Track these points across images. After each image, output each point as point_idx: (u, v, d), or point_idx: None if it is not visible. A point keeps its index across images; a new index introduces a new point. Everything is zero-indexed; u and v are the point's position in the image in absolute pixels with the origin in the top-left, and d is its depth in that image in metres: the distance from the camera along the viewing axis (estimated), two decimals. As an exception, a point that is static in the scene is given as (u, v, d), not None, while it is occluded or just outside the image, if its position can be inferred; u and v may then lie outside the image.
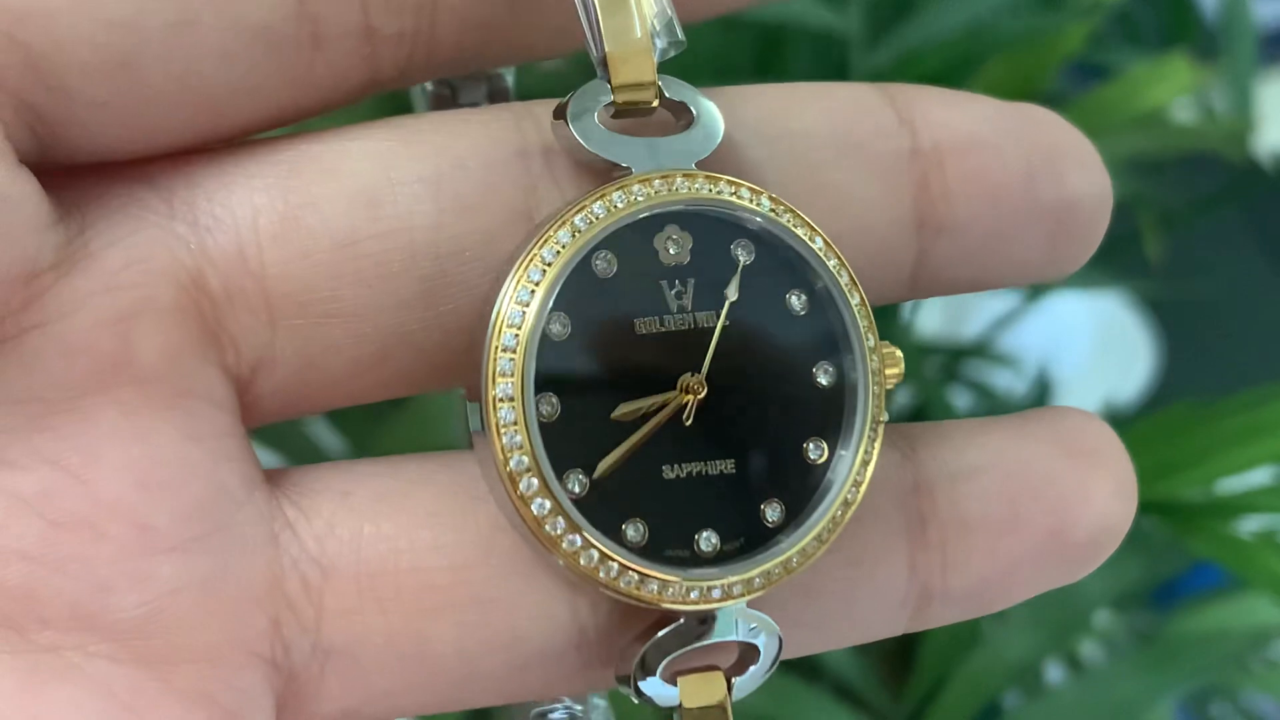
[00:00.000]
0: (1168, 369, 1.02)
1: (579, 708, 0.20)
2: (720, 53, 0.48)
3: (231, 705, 0.16)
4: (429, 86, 0.18)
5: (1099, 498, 0.19)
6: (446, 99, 0.19)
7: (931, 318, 1.00)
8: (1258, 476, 0.37)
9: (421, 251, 0.17)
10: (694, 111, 0.17)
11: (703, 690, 0.18)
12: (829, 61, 0.48)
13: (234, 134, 0.17)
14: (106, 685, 0.16)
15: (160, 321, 0.16)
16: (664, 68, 0.17)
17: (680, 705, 0.18)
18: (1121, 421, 0.42)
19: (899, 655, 0.54)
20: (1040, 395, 0.54)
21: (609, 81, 0.17)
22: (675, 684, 0.18)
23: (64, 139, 0.16)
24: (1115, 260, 0.49)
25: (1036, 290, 0.55)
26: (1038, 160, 0.19)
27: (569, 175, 0.17)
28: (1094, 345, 1.01)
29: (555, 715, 0.20)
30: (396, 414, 0.28)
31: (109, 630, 0.16)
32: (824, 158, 0.18)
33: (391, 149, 0.17)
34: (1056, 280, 0.19)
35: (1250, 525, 0.36)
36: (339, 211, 0.17)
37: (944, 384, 0.55)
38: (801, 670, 0.43)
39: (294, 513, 0.17)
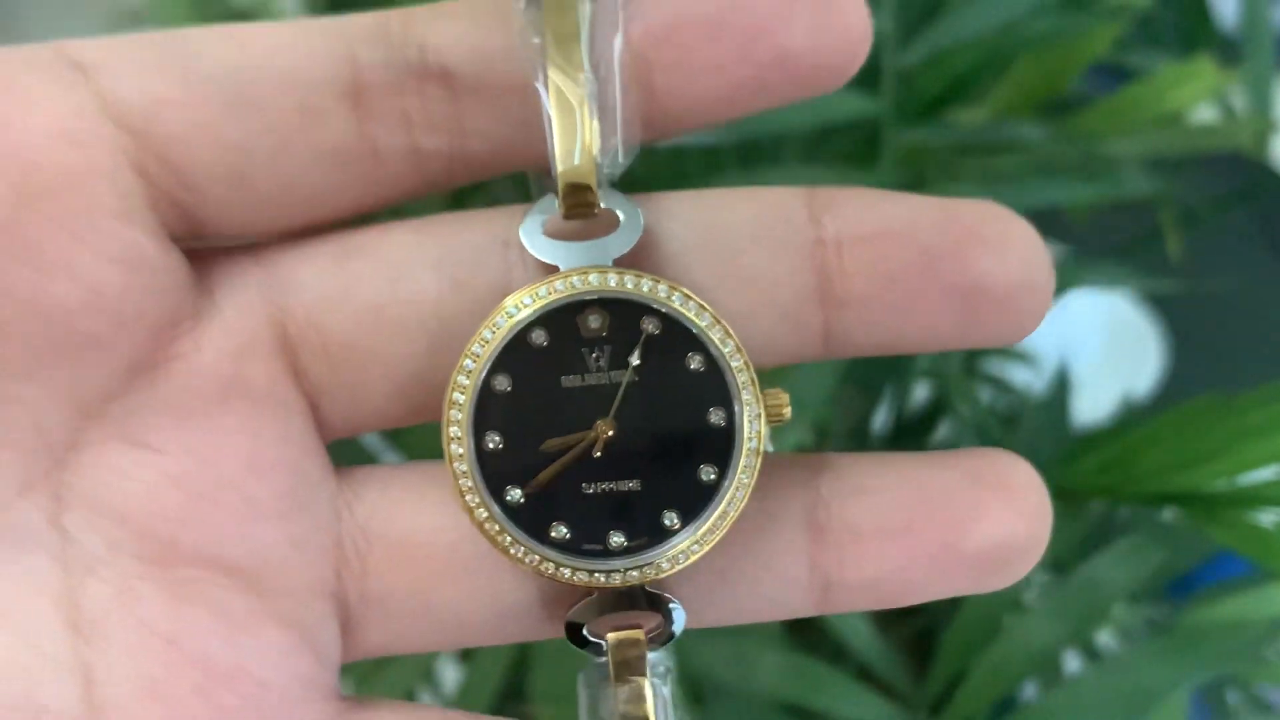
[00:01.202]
0: (1176, 366, 1.03)
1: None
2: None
3: (312, 626, 0.23)
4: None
5: (994, 517, 0.23)
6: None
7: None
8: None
9: (429, 316, 0.23)
10: (620, 217, 0.22)
11: (622, 638, 0.23)
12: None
13: (319, 223, 0.23)
14: (225, 607, 0.22)
15: (262, 356, 0.23)
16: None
17: (607, 646, 0.23)
18: (1138, 416, 0.43)
19: (921, 642, 0.55)
20: (1060, 390, 0.55)
21: (558, 195, 0.22)
22: (603, 640, 0.23)
23: (200, 226, 0.22)
24: (1132, 258, 0.50)
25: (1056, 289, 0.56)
26: (942, 247, 0.22)
27: (533, 266, 0.23)
28: (1105, 342, 1.02)
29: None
30: (419, 432, 0.37)
31: (227, 570, 0.22)
32: (739, 245, 0.22)
33: (413, 240, 0.23)
34: (998, 344, 0.22)
35: (1271, 517, 0.37)
36: (374, 286, 0.23)
37: (964, 379, 0.55)
38: (824, 653, 0.43)
39: (350, 497, 0.24)
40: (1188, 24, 0.55)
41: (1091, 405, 0.73)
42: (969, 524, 0.23)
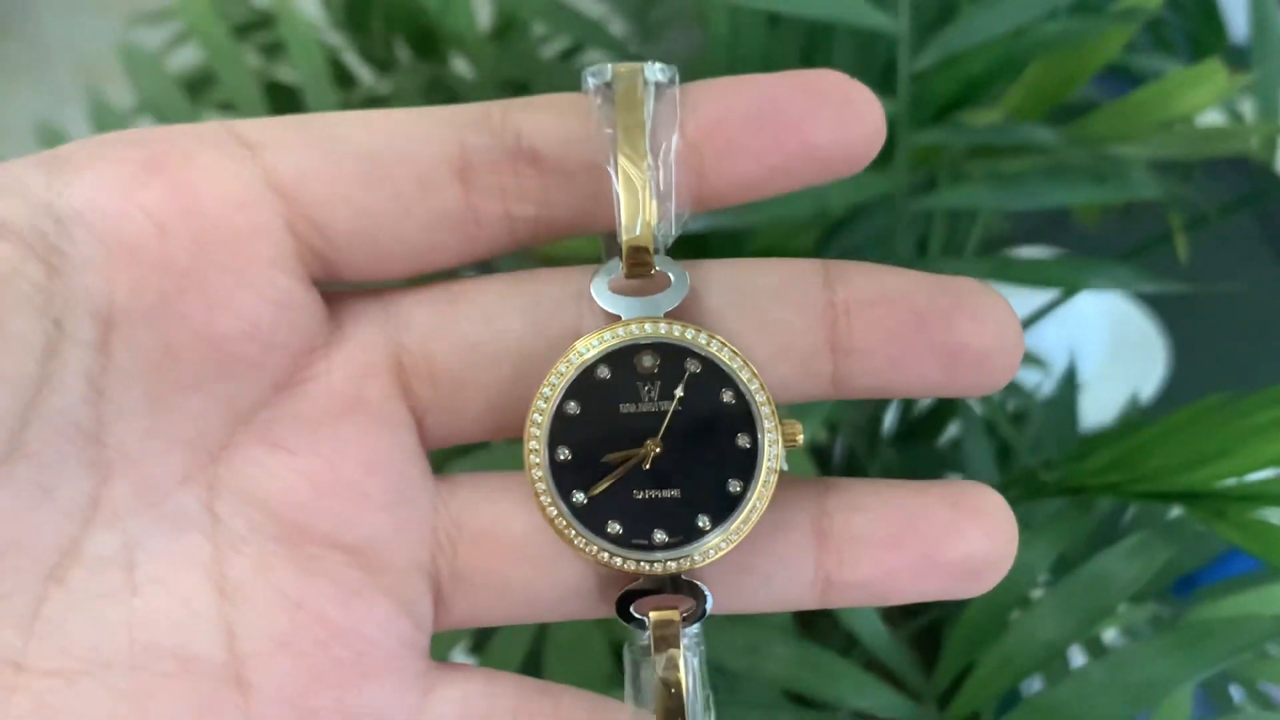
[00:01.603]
0: (1180, 369, 1.03)
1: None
2: (767, 51, 0.49)
3: (411, 598, 0.28)
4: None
5: (968, 536, 0.27)
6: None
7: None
8: None
9: (514, 352, 0.28)
10: (671, 278, 0.27)
11: (661, 617, 0.28)
12: (872, 62, 0.49)
13: (434, 269, 0.28)
14: (343, 579, 0.27)
15: (380, 379, 0.27)
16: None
17: (649, 623, 0.28)
18: (1144, 416, 0.43)
19: (929, 638, 0.55)
20: (1068, 390, 0.56)
21: (621, 261, 0.27)
22: (646, 617, 0.28)
23: (335, 273, 0.27)
24: (1139, 261, 0.51)
25: (1066, 294, 0.57)
26: (932, 313, 0.26)
27: (600, 313, 0.28)
28: (1112, 346, 1.02)
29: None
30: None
31: (344, 549, 0.27)
32: (765, 302, 0.27)
33: (505, 290, 0.28)
34: (975, 394, 0.27)
35: (1277, 514, 0.38)
36: (472, 325, 0.28)
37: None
38: (834, 646, 0.44)
39: (446, 495, 0.28)
40: (1198, 31, 0.55)
41: (1098, 408, 0.74)
42: (946, 539, 0.27)
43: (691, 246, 0.53)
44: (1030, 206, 0.46)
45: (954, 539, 0.27)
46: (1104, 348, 1.01)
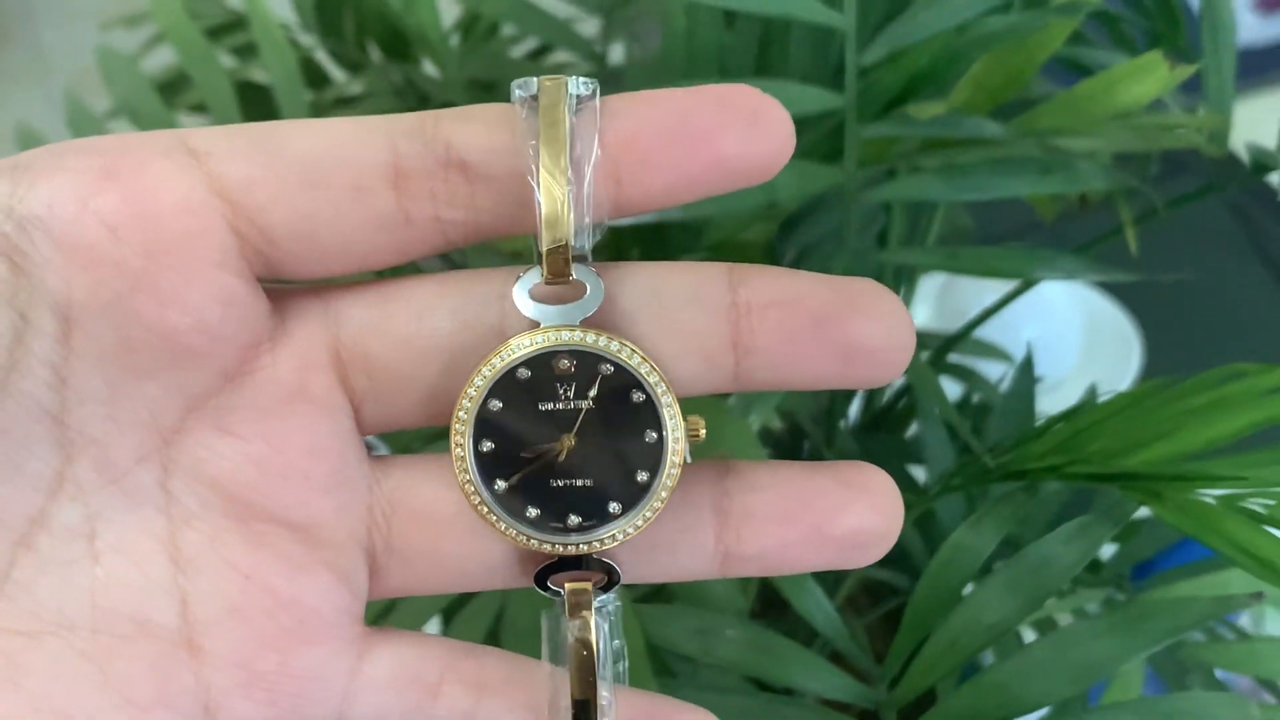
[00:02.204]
0: (1154, 364, 1.04)
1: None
2: (722, 51, 0.50)
3: (349, 570, 0.30)
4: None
5: (855, 511, 0.30)
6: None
7: (922, 313, 1.02)
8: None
9: (444, 347, 0.30)
10: (588, 288, 0.29)
11: (575, 587, 0.30)
12: (826, 58, 0.50)
13: (370, 268, 0.29)
14: (287, 553, 0.29)
15: (321, 371, 0.30)
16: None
17: (564, 592, 0.30)
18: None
19: (886, 626, 0.56)
20: (1026, 381, 0.56)
21: (542, 269, 0.29)
22: (561, 588, 0.30)
23: (278, 271, 0.29)
24: (1096, 254, 0.51)
25: (1025, 285, 0.58)
26: (827, 313, 0.28)
27: (522, 317, 0.29)
28: (1086, 342, 1.03)
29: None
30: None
31: (289, 526, 0.29)
32: (673, 305, 0.29)
33: (436, 289, 0.30)
34: (866, 386, 0.30)
35: (1213, 495, 0.39)
36: (405, 322, 0.30)
37: (933, 370, 0.57)
38: (800, 634, 0.45)
39: (380, 476, 0.31)
40: (1157, 29, 0.56)
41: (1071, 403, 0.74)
42: (835, 514, 0.30)
43: (650, 236, 0.54)
44: (979, 197, 0.46)
45: (842, 514, 0.30)
46: (1080, 344, 1.02)
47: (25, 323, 0.26)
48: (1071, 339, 1.01)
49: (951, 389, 0.64)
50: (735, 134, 0.27)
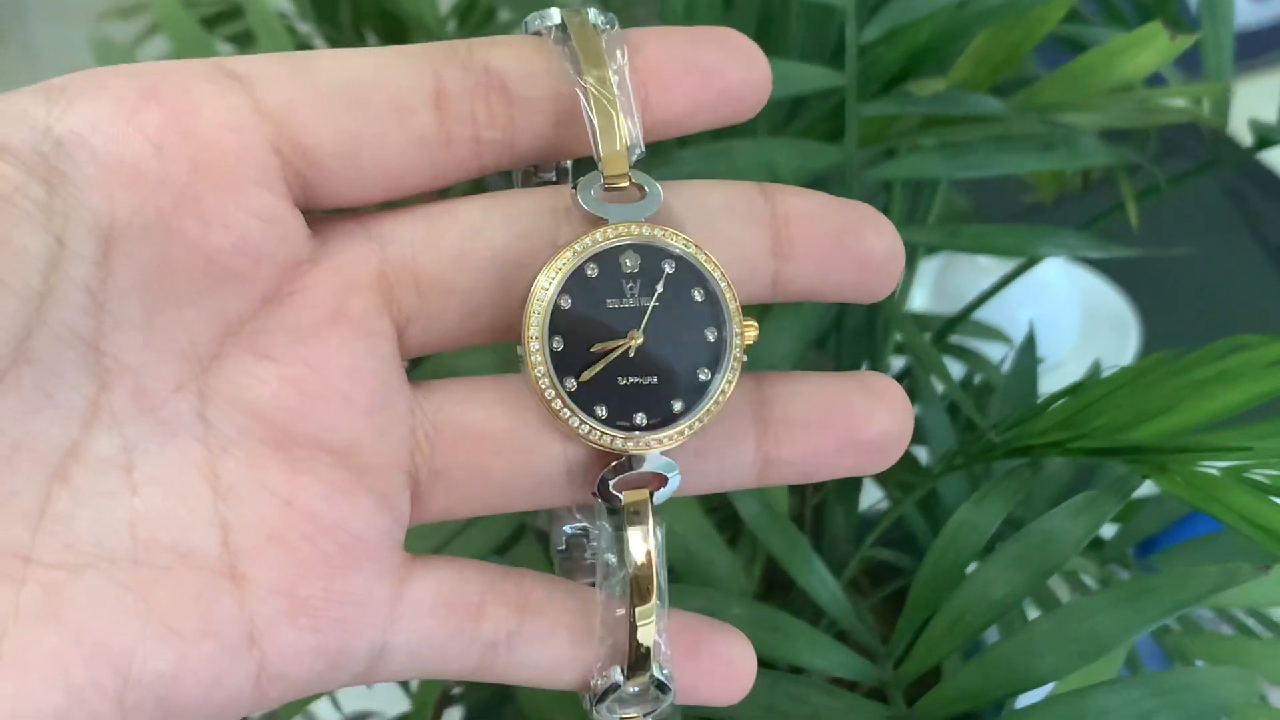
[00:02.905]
0: (1151, 345, 1.04)
1: (592, 528, 0.33)
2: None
3: (390, 495, 0.30)
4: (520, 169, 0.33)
5: (879, 417, 0.31)
6: (530, 174, 0.32)
7: (920, 296, 1.02)
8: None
9: (499, 259, 0.30)
10: (647, 190, 0.30)
11: (634, 495, 0.31)
12: (825, 36, 0.50)
13: (406, 194, 0.30)
14: (328, 478, 0.29)
15: (361, 291, 0.30)
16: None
17: (622, 501, 0.31)
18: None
19: (889, 609, 0.56)
20: (1028, 360, 0.56)
21: (601, 173, 0.30)
22: (621, 495, 0.31)
23: (317, 195, 0.29)
24: (1095, 230, 0.51)
25: (1026, 265, 0.58)
26: (846, 226, 0.31)
27: (580, 223, 0.31)
28: (1084, 325, 1.03)
29: (570, 529, 0.34)
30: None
31: (329, 450, 0.29)
32: (717, 215, 0.31)
33: (485, 206, 0.31)
34: (871, 298, 0.32)
35: (1216, 467, 0.39)
36: (457, 236, 0.30)
37: (935, 353, 0.57)
38: (799, 617, 0.45)
39: (421, 399, 0.31)
40: (1150, 6, 0.56)
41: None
42: (863, 420, 0.31)
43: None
44: (981, 174, 0.46)
45: (869, 419, 0.32)
46: (1078, 325, 1.02)
47: (61, 247, 0.26)
48: (1070, 321, 1.01)
49: (952, 371, 0.64)
50: (737, 68, 0.30)
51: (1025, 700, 0.40)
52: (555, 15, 0.30)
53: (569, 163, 0.33)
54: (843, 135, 0.47)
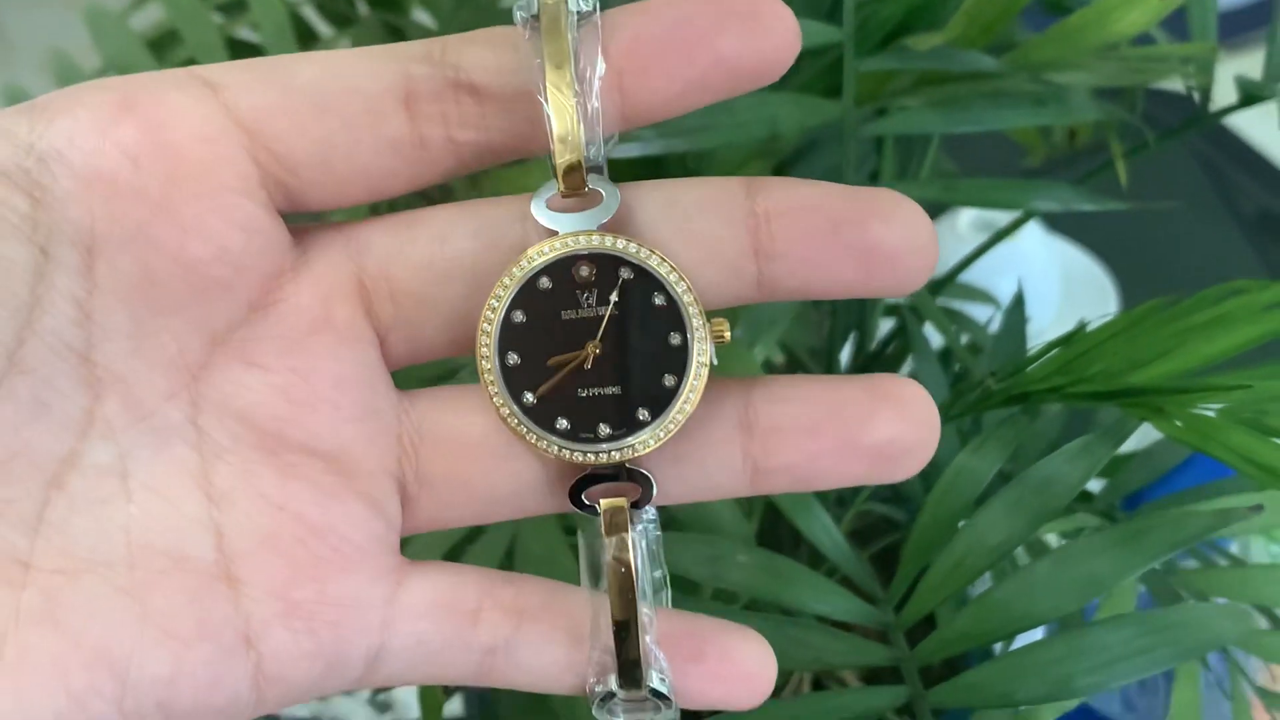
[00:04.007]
0: (1124, 310, 1.05)
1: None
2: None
3: (381, 499, 0.30)
4: None
5: (884, 420, 0.29)
6: None
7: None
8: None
9: (467, 269, 0.30)
10: (604, 195, 0.29)
11: (611, 503, 0.30)
12: (820, 3, 0.50)
13: (387, 196, 0.30)
14: (320, 483, 0.30)
15: (345, 300, 0.30)
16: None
17: (601, 510, 0.30)
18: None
19: (883, 561, 0.57)
20: (1018, 318, 0.57)
21: (557, 181, 0.29)
22: (599, 504, 0.31)
23: (295, 199, 0.29)
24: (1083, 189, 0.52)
25: (1005, 232, 0.58)
26: (845, 218, 0.29)
27: (540, 232, 0.30)
28: (1064, 295, 1.04)
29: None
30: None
31: (320, 456, 0.30)
32: (692, 213, 0.30)
33: (456, 215, 0.30)
34: (894, 293, 0.29)
35: (1213, 408, 0.39)
36: (428, 247, 0.30)
37: (920, 314, 0.58)
38: (803, 557, 0.46)
39: (407, 406, 0.31)
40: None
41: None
42: (863, 425, 0.30)
43: (647, 172, 0.54)
44: (975, 129, 0.47)
45: (871, 424, 0.29)
46: (1058, 294, 1.03)
47: (46, 257, 0.27)
48: (1050, 289, 1.02)
49: (939, 334, 0.65)
50: (733, 35, 0.27)
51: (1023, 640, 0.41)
52: (534, 4, 0.28)
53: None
54: (840, 91, 0.47)
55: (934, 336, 0.72)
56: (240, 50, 0.66)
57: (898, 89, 0.51)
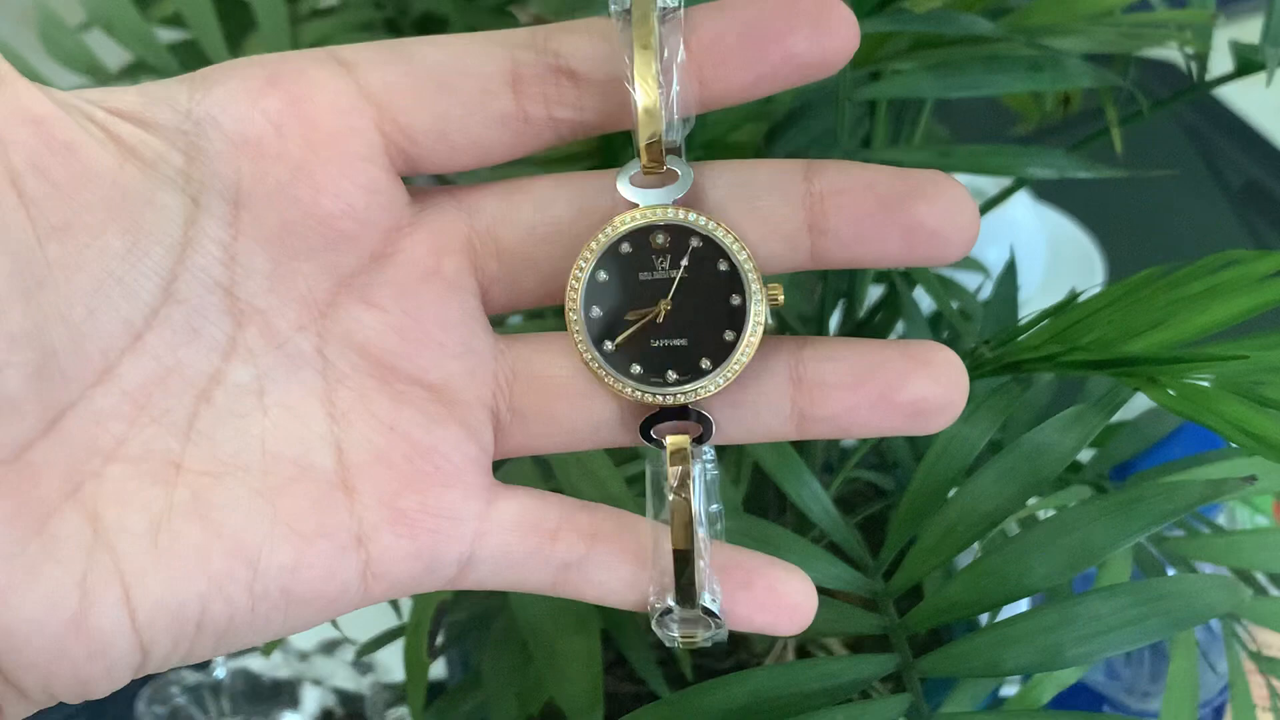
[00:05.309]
0: (1110, 279, 1.05)
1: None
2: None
3: (477, 426, 0.34)
4: None
5: (918, 380, 0.33)
6: None
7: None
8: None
9: (564, 233, 0.34)
10: (679, 174, 0.33)
11: (676, 440, 0.34)
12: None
13: (493, 163, 0.33)
14: (425, 409, 0.34)
15: (453, 254, 0.34)
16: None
17: (666, 447, 0.34)
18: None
19: (870, 529, 0.57)
20: (1009, 286, 0.57)
21: (639, 160, 0.32)
22: (665, 440, 0.34)
23: (415, 165, 0.33)
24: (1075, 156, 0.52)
25: (993, 202, 0.58)
26: (893, 197, 0.32)
27: (624, 204, 0.33)
28: (1051, 265, 1.04)
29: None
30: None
31: (426, 387, 0.34)
32: (757, 193, 0.33)
33: (554, 184, 0.34)
34: (935, 263, 0.32)
35: (1207, 378, 0.39)
36: (530, 211, 0.34)
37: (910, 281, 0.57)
38: (789, 523, 0.45)
39: (504, 347, 0.35)
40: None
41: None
42: (898, 383, 0.33)
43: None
44: (971, 94, 0.47)
45: (905, 382, 0.33)
46: (1044, 262, 1.03)
47: (198, 206, 0.31)
48: (1037, 258, 1.02)
49: (928, 302, 0.65)
50: (802, 35, 0.31)
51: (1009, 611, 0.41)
52: (627, 0, 0.31)
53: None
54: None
55: (924, 302, 0.72)
56: (227, 6, 0.65)
57: (893, 52, 0.50)
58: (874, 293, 0.62)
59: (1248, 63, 0.50)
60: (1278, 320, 0.39)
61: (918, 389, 0.33)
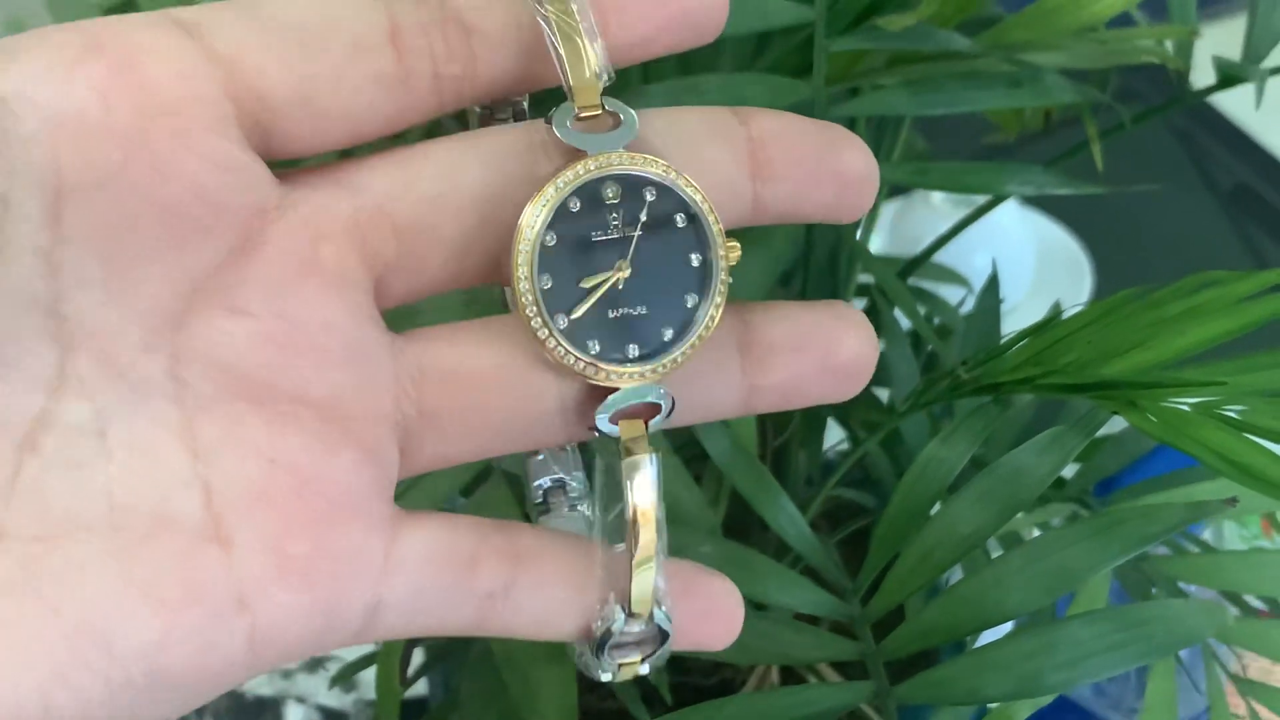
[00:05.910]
0: (1099, 288, 1.05)
1: (569, 479, 0.35)
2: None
3: (376, 446, 0.29)
4: (478, 110, 0.32)
5: (850, 342, 0.32)
6: (488, 117, 0.32)
7: (877, 241, 1.02)
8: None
9: (480, 199, 0.30)
10: (623, 118, 0.30)
11: (630, 426, 0.30)
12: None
13: (366, 138, 0.29)
14: (311, 432, 0.28)
15: (333, 240, 0.29)
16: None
17: (620, 435, 0.30)
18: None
19: (851, 546, 0.56)
20: (992, 300, 0.57)
21: (573, 103, 0.29)
22: (616, 425, 0.30)
23: (277, 141, 0.28)
24: (1057, 171, 0.51)
25: (980, 211, 0.58)
26: (824, 145, 0.31)
27: (557, 156, 0.30)
28: (1039, 271, 1.04)
29: (548, 481, 0.36)
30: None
31: (310, 405, 0.29)
32: (697, 140, 0.31)
33: (461, 146, 0.30)
34: (849, 217, 0.32)
35: (1187, 402, 0.39)
36: (433, 179, 0.30)
37: (901, 289, 0.57)
38: (772, 552, 0.45)
39: (402, 345, 0.30)
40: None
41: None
42: (836, 344, 0.32)
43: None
44: (948, 111, 0.46)
45: (841, 344, 0.32)
46: (1032, 270, 1.03)
47: (6, 207, 0.25)
48: (1025, 265, 1.01)
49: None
50: None
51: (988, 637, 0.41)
52: None
53: (526, 104, 0.32)
54: (810, 71, 0.46)
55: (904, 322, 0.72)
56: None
57: (870, 69, 0.50)
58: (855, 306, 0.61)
59: (1229, 77, 0.50)
60: (1259, 341, 0.38)
61: (852, 348, 0.32)
